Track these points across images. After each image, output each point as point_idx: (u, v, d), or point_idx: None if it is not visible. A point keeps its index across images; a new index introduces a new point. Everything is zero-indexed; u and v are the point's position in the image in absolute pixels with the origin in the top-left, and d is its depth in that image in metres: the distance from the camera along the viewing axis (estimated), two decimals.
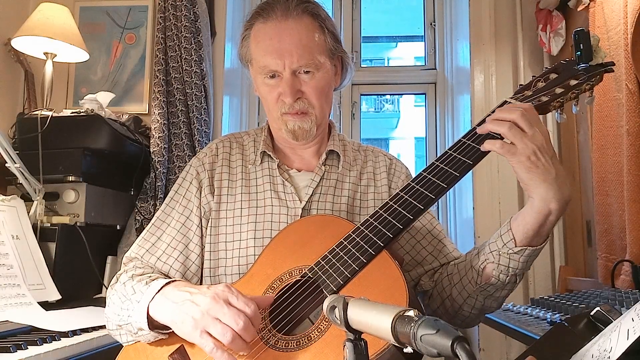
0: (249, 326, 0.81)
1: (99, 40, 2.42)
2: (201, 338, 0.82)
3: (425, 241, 1.11)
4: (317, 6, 1.08)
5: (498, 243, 0.93)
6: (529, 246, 0.91)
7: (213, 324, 0.81)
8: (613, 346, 0.59)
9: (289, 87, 1.03)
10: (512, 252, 0.91)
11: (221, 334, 0.80)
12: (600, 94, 1.69)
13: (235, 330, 0.80)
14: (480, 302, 0.99)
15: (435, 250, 1.11)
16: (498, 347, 2.18)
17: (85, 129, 1.84)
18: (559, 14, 2.15)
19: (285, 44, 1.02)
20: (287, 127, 1.07)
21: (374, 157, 1.20)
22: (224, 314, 0.81)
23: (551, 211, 0.86)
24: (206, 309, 0.82)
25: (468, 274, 0.98)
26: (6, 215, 1.57)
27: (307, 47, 1.03)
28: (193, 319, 0.83)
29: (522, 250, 0.91)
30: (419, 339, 0.48)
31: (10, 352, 1.03)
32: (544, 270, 2.22)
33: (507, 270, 0.93)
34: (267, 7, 1.05)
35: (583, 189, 2.03)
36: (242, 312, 0.81)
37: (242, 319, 0.80)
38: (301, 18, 1.04)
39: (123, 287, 0.98)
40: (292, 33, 1.02)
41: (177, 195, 1.12)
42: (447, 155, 0.94)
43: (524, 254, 0.91)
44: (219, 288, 0.85)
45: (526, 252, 0.91)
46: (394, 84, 2.86)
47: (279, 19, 1.03)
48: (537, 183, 0.85)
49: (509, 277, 0.94)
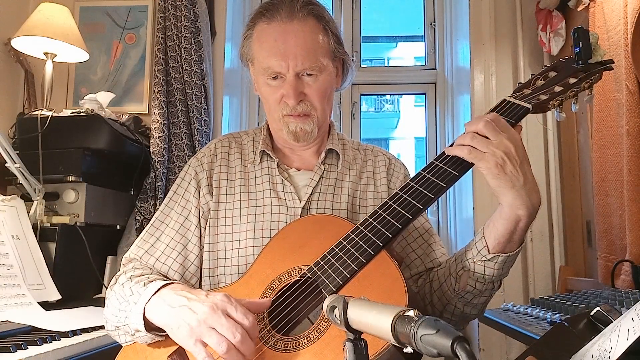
0: (247, 339, 0.79)
1: (99, 40, 2.42)
2: (195, 346, 0.81)
3: (415, 244, 1.11)
4: (321, 8, 1.07)
5: (473, 251, 0.93)
6: (502, 253, 0.90)
7: (209, 333, 0.80)
8: (613, 346, 0.59)
9: (292, 89, 1.03)
10: (486, 259, 0.91)
11: (217, 344, 0.78)
12: (600, 94, 1.69)
13: (232, 342, 0.78)
14: (459, 309, 0.99)
15: (424, 254, 1.11)
16: (498, 347, 2.18)
17: (85, 129, 1.84)
18: (559, 14, 2.15)
19: (290, 46, 1.01)
20: (288, 128, 1.07)
21: (374, 157, 1.19)
22: (221, 325, 0.79)
23: (520, 218, 0.86)
24: (203, 318, 0.81)
25: (447, 281, 0.99)
26: (6, 215, 1.57)
27: (311, 49, 1.02)
28: (189, 326, 0.81)
29: (495, 257, 0.91)
30: (419, 339, 0.48)
31: (10, 352, 1.03)
32: (544, 270, 2.22)
33: (482, 278, 0.93)
34: (271, 8, 1.05)
35: (583, 189, 2.03)
36: (240, 324, 0.80)
37: (239, 331, 0.79)
38: (306, 20, 1.03)
39: (121, 288, 0.97)
40: (297, 35, 1.02)
41: (176, 195, 1.12)
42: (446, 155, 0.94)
43: (498, 261, 0.91)
44: (217, 297, 0.84)
45: (499, 259, 0.91)
46: (394, 84, 2.86)
47: (284, 20, 1.03)
48: (505, 190, 0.85)
49: (485, 285, 0.94)
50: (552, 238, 2.22)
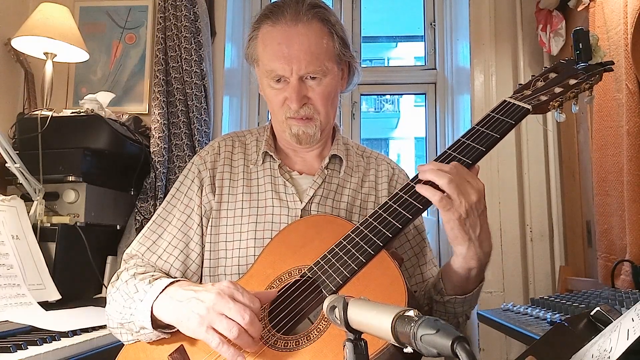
0: (255, 321, 0.81)
1: (99, 40, 2.42)
2: (207, 334, 0.82)
3: (409, 263, 1.12)
4: (327, 11, 1.07)
5: (434, 290, 0.99)
6: (458, 295, 0.96)
7: (219, 319, 0.81)
8: (613, 346, 0.59)
9: (295, 93, 1.02)
10: (444, 300, 0.97)
11: (227, 329, 0.80)
12: (600, 94, 1.69)
13: (241, 325, 0.80)
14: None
15: (412, 275, 1.12)
16: (498, 347, 2.18)
17: (85, 129, 1.84)
18: (559, 14, 2.15)
19: (294, 50, 1.01)
20: (291, 131, 1.07)
21: (377, 165, 1.19)
22: (229, 309, 0.81)
23: (472, 267, 0.92)
24: (211, 304, 0.82)
25: (421, 309, 1.02)
26: (6, 215, 1.57)
27: (316, 53, 1.02)
28: (199, 315, 0.83)
29: (453, 299, 0.96)
30: (419, 339, 0.48)
31: (10, 352, 1.03)
32: (544, 270, 2.22)
33: (445, 316, 0.99)
34: (276, 10, 1.04)
35: (583, 189, 2.03)
36: (248, 307, 0.82)
37: (248, 313, 0.81)
38: (311, 23, 1.03)
39: (125, 285, 0.97)
40: (302, 39, 1.01)
41: (179, 193, 1.12)
42: (446, 155, 0.94)
43: (457, 302, 0.97)
44: (223, 284, 0.85)
45: (457, 300, 0.96)
46: (394, 84, 2.86)
47: (289, 23, 1.02)
48: (461, 241, 0.89)
49: (450, 320, 0.99)
50: (552, 238, 2.22)
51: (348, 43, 1.10)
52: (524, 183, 2.27)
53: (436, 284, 0.98)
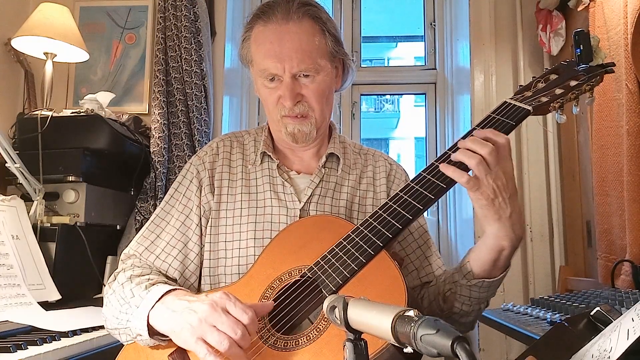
0: (246, 334, 0.80)
1: (99, 40, 2.42)
2: (196, 344, 0.81)
3: (414, 255, 1.12)
4: (318, 9, 1.07)
5: (458, 274, 0.97)
6: (486, 278, 0.94)
7: (210, 331, 0.81)
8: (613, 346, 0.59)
9: (288, 91, 1.03)
10: (471, 284, 0.95)
11: (218, 342, 0.79)
12: (600, 94, 1.69)
13: (233, 338, 0.79)
14: None
15: (420, 267, 1.11)
16: (498, 347, 2.18)
17: (85, 129, 1.84)
18: (559, 14, 2.15)
19: (286, 48, 1.01)
20: (286, 129, 1.07)
21: (374, 162, 1.19)
22: (222, 323, 0.80)
23: (503, 248, 0.90)
24: (204, 316, 0.82)
25: (436, 300, 1.02)
26: (6, 215, 1.57)
27: (307, 51, 1.02)
28: (191, 326, 0.82)
29: (480, 282, 0.94)
30: (419, 339, 0.48)
31: (10, 352, 1.03)
32: (544, 270, 2.22)
33: (469, 301, 0.97)
34: (267, 10, 1.05)
35: (583, 189, 2.03)
36: (239, 320, 0.81)
37: (239, 327, 0.80)
38: (302, 21, 1.03)
39: (121, 288, 0.97)
40: (293, 37, 1.02)
41: (177, 193, 1.12)
42: (446, 156, 0.94)
43: (483, 286, 0.95)
44: (216, 295, 0.85)
45: (484, 284, 0.95)
46: (394, 84, 2.86)
47: (280, 22, 1.03)
48: (491, 221, 0.89)
49: (472, 306, 0.97)
50: (552, 238, 2.22)
51: (341, 41, 1.10)
52: (524, 183, 2.27)
53: (462, 266, 0.97)
